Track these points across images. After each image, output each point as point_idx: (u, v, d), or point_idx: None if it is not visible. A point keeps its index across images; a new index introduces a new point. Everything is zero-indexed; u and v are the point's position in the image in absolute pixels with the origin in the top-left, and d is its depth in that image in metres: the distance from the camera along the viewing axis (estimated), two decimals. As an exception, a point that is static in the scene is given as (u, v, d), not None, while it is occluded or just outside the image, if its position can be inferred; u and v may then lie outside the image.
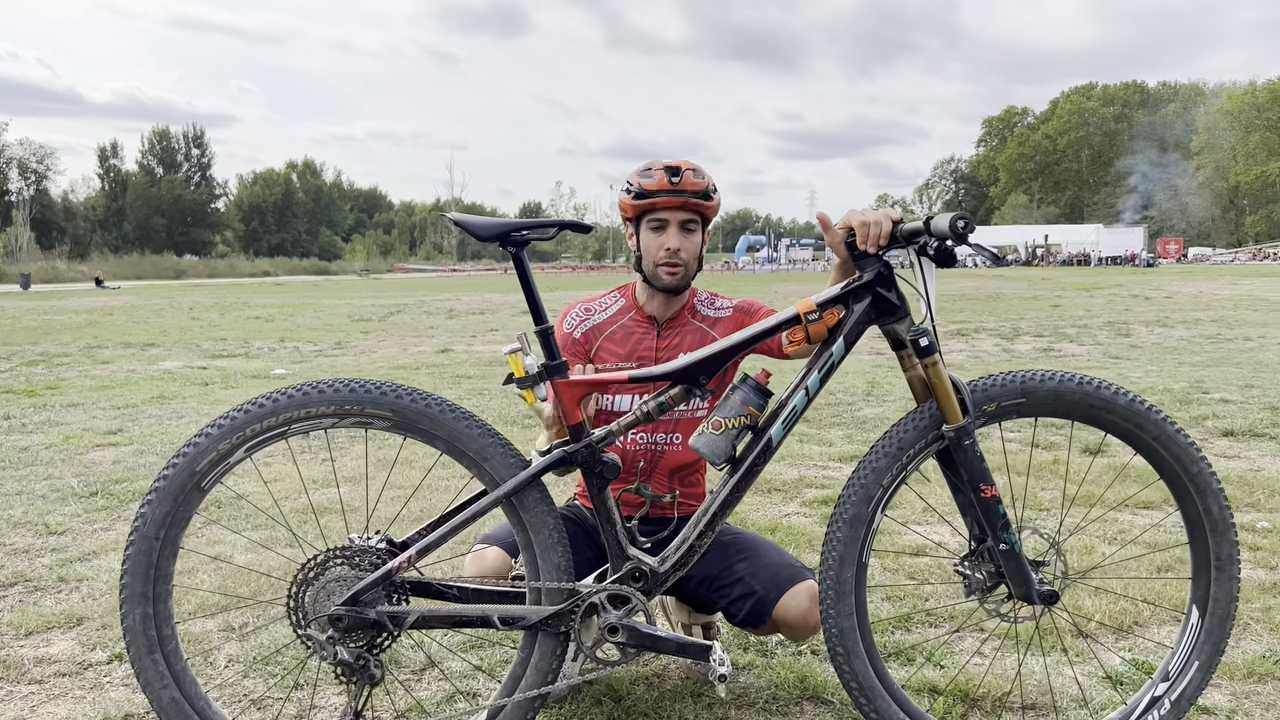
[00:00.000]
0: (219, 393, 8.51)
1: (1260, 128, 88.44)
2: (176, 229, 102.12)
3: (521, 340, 2.05)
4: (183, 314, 22.02)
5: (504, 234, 2.00)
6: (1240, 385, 7.88)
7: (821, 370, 2.08)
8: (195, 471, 1.96)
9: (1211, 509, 2.08)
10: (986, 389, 2.07)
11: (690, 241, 2.45)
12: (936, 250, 2.00)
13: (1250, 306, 18.57)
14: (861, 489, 2.06)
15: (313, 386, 2.00)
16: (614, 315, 2.57)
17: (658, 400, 2.09)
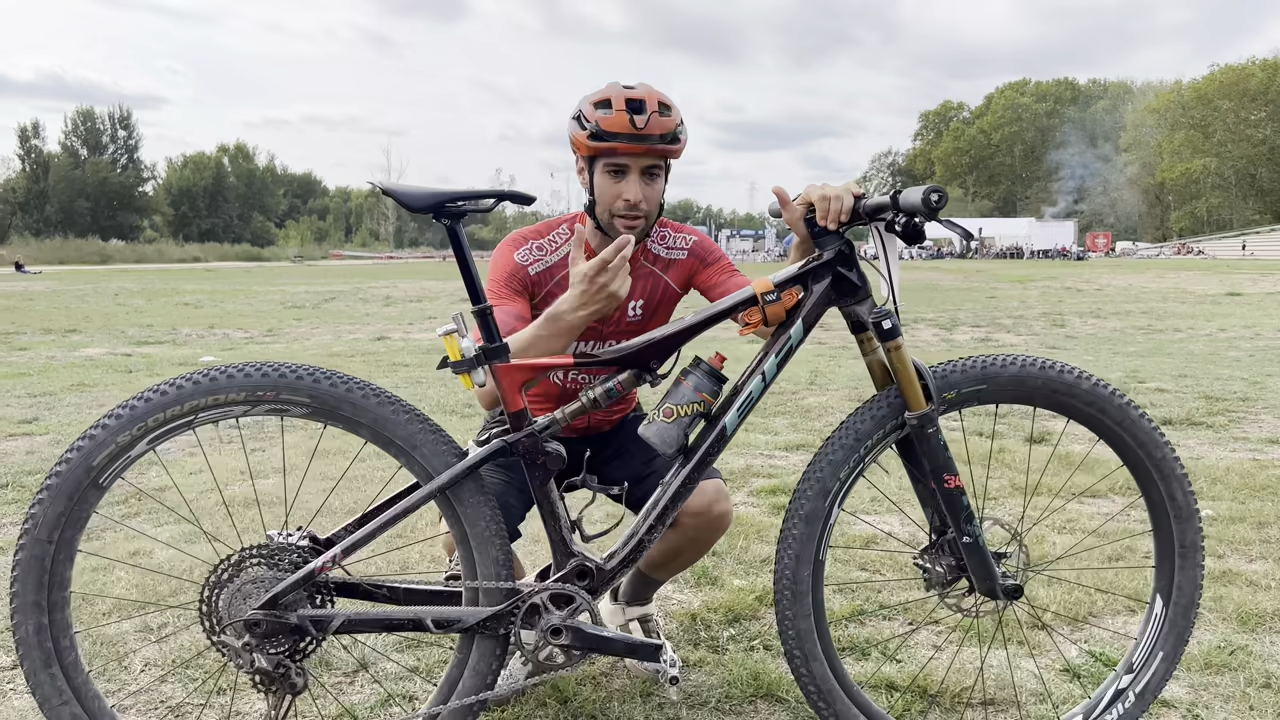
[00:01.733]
0: (143, 380, 8.16)
1: (1185, 126, 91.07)
2: (102, 213, 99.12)
3: (457, 321, 1.88)
4: (107, 300, 21.28)
5: (438, 205, 1.82)
6: (1174, 375, 7.99)
7: (779, 354, 1.96)
8: (92, 467, 1.77)
9: (1176, 495, 2.01)
10: (946, 375, 1.97)
11: (652, 189, 2.22)
12: (904, 226, 1.87)
13: (1178, 299, 19.01)
14: (817, 483, 1.96)
15: (221, 371, 1.81)
16: (565, 258, 2.31)
17: (605, 387, 1.94)
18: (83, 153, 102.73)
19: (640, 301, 2.37)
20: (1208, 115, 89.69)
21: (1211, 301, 18.07)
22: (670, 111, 2.16)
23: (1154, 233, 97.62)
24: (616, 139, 2.11)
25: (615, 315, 2.35)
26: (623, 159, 2.15)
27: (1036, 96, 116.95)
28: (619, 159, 2.15)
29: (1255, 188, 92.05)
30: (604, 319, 2.25)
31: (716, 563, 3.32)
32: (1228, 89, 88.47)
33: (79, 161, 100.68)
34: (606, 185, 2.19)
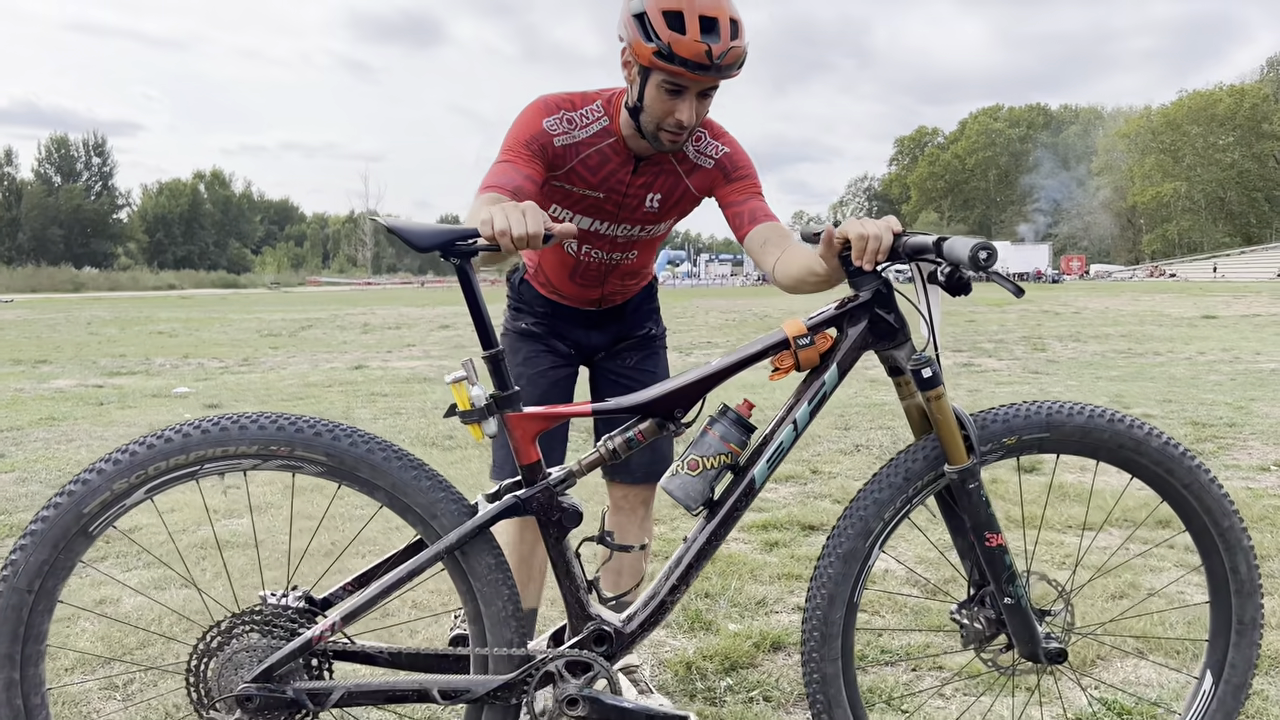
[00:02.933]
0: (115, 413, 7.98)
1: (1155, 150, 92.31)
2: (75, 240, 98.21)
3: (467, 367, 1.77)
4: (80, 329, 20.96)
5: (447, 243, 1.71)
6: (1158, 400, 7.97)
7: (812, 401, 1.85)
8: (83, 514, 1.66)
9: (1240, 568, 1.92)
10: (1007, 419, 1.87)
11: (704, 106, 2.11)
12: (949, 277, 1.74)
13: (1155, 322, 19.13)
14: (860, 521, 1.85)
15: (233, 420, 1.71)
16: (594, 136, 2.21)
17: (625, 436, 1.83)
18: (56, 180, 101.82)
19: (659, 196, 2.30)
20: (1177, 140, 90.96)
21: (1188, 324, 18.19)
22: (740, 30, 1.99)
23: (1127, 255, 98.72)
24: (687, 65, 1.95)
25: (633, 203, 2.28)
26: (685, 81, 2.01)
27: (1010, 122, 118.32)
28: (682, 80, 2.00)
29: (1224, 211, 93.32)
30: (619, 204, 2.27)
31: (710, 605, 3.21)
32: (1196, 114, 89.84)
33: (52, 189, 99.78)
34: (659, 100, 2.05)
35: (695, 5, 1.92)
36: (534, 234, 1.65)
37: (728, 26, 1.94)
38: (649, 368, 2.54)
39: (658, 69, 1.98)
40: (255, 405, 8.39)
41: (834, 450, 5.93)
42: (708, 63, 1.94)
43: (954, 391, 8.76)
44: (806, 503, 4.60)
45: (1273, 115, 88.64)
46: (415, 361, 12.88)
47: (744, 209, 2.24)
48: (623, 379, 2.52)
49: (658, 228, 2.38)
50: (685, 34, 1.91)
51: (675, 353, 13.95)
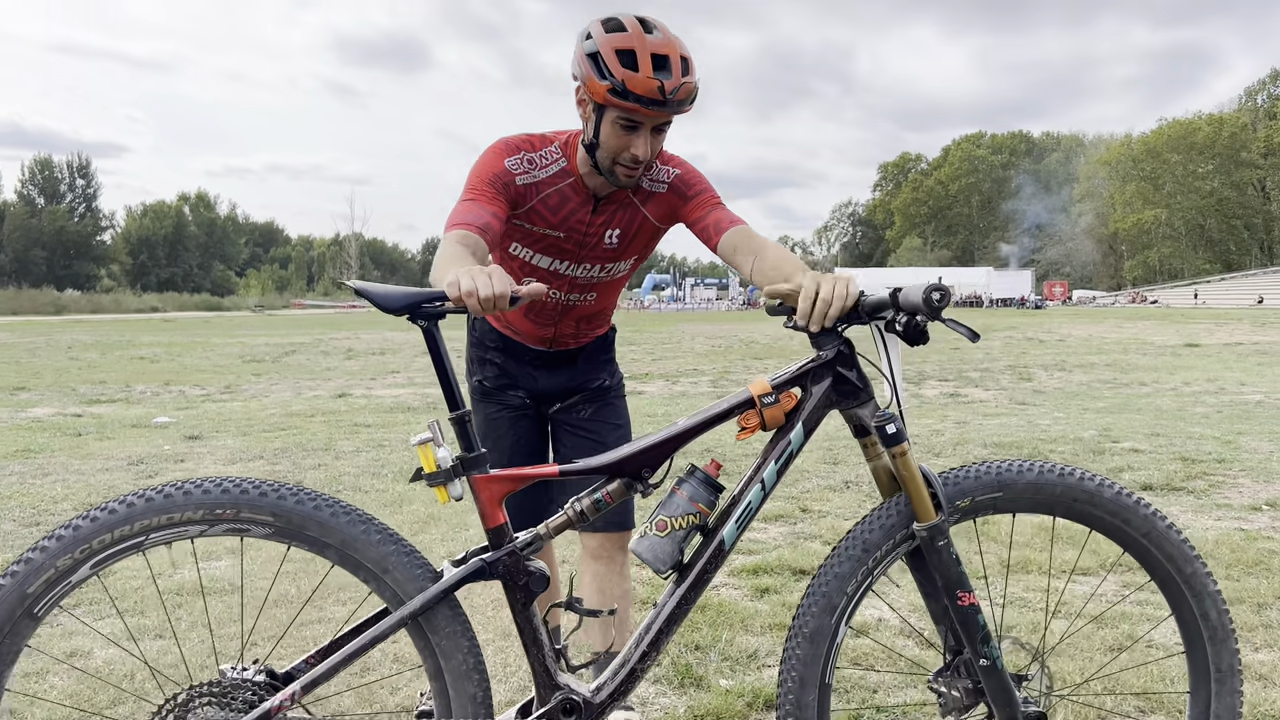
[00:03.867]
0: (93, 444, 7.85)
1: (1136, 178, 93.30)
2: (58, 262, 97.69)
3: (433, 429, 1.73)
4: (60, 353, 20.76)
5: (413, 306, 1.69)
6: (1147, 433, 7.95)
7: (778, 460, 1.83)
8: (26, 594, 1.59)
9: (1209, 614, 1.87)
10: (959, 481, 1.84)
11: (658, 142, 2.15)
12: (906, 326, 1.75)
13: (1139, 350, 19.21)
14: (823, 598, 1.81)
15: (176, 487, 1.65)
16: (553, 176, 2.25)
17: (593, 498, 1.79)
18: (40, 201, 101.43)
19: (617, 231, 2.32)
20: (1157, 168, 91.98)
21: (1172, 353, 18.27)
22: (690, 67, 2.05)
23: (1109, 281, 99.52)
24: (639, 102, 2.00)
25: (593, 240, 2.30)
26: (639, 117, 2.05)
27: (992, 149, 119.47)
28: (636, 117, 2.05)
29: (1204, 238, 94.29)
30: (580, 243, 2.29)
31: (700, 658, 3.13)
32: (1176, 142, 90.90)
33: (35, 210, 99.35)
34: (615, 136, 2.09)
35: (647, 43, 1.99)
36: (500, 295, 1.64)
37: (679, 63, 2.00)
38: (606, 418, 2.55)
39: (612, 105, 2.02)
40: (236, 436, 8.28)
41: (822, 487, 5.87)
42: (661, 98, 1.99)
43: (941, 424, 8.73)
44: (797, 544, 4.54)
45: (1251, 144, 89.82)
46: (399, 390, 12.78)
47: (708, 222, 2.26)
48: (580, 430, 2.53)
49: (618, 266, 2.40)
50: (638, 71, 1.97)
51: (662, 380, 13.91)
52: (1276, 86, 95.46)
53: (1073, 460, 6.72)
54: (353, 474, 6.41)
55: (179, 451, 7.45)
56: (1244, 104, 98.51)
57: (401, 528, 4.91)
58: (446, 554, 4.42)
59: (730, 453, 6.91)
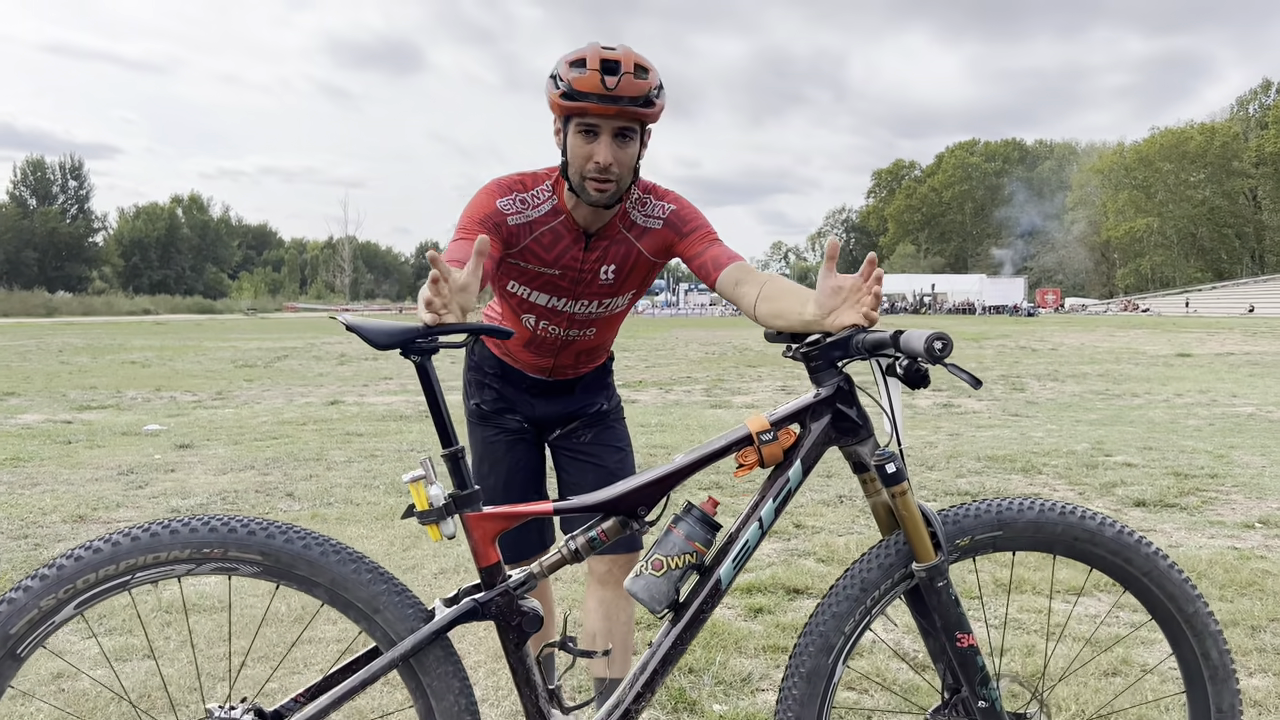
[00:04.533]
0: (83, 453, 7.80)
1: (1128, 186, 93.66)
2: (50, 264, 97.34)
3: (425, 466, 1.72)
4: (50, 357, 20.67)
5: (406, 341, 1.67)
6: (1139, 447, 7.96)
7: (777, 498, 1.81)
8: (9, 635, 1.57)
9: (1210, 654, 1.86)
10: (958, 520, 1.83)
11: (625, 153, 2.12)
12: (906, 369, 1.74)
13: (1131, 360, 19.26)
14: (820, 638, 1.79)
15: (164, 526, 1.63)
16: (546, 215, 2.26)
17: (588, 535, 1.78)
18: (32, 202, 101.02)
19: (613, 267, 2.32)
20: (1149, 176, 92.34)
21: (1164, 363, 18.31)
22: (647, 74, 2.08)
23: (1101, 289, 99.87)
24: (587, 99, 2.04)
25: (588, 277, 2.31)
26: (594, 119, 2.08)
27: (986, 156, 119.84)
28: (590, 119, 2.08)
29: (1196, 247, 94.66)
30: (575, 280, 2.30)
31: (694, 682, 3.11)
32: (1168, 151, 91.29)
33: (27, 211, 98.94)
34: (578, 146, 2.12)
35: (599, 52, 2.06)
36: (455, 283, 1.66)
37: (630, 67, 2.05)
38: (607, 441, 2.55)
39: (568, 112, 2.08)
40: (228, 445, 8.24)
41: (816, 502, 5.86)
42: (605, 91, 2.02)
43: (934, 435, 8.72)
44: (791, 562, 4.52)
45: (1243, 153, 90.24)
46: (391, 397, 12.74)
47: (706, 258, 2.25)
48: (580, 455, 2.54)
49: (616, 302, 2.40)
50: (585, 70, 2.04)
51: (656, 388, 13.89)
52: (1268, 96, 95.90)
53: (1065, 474, 6.73)
54: (344, 485, 6.38)
55: (170, 461, 7.41)
56: (1235, 113, 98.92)
57: (393, 543, 4.88)
58: (438, 570, 4.40)
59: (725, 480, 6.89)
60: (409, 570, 4.40)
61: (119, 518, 5.48)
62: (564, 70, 2.07)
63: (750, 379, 15.59)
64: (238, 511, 5.62)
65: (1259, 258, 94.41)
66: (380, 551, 4.73)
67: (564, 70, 2.07)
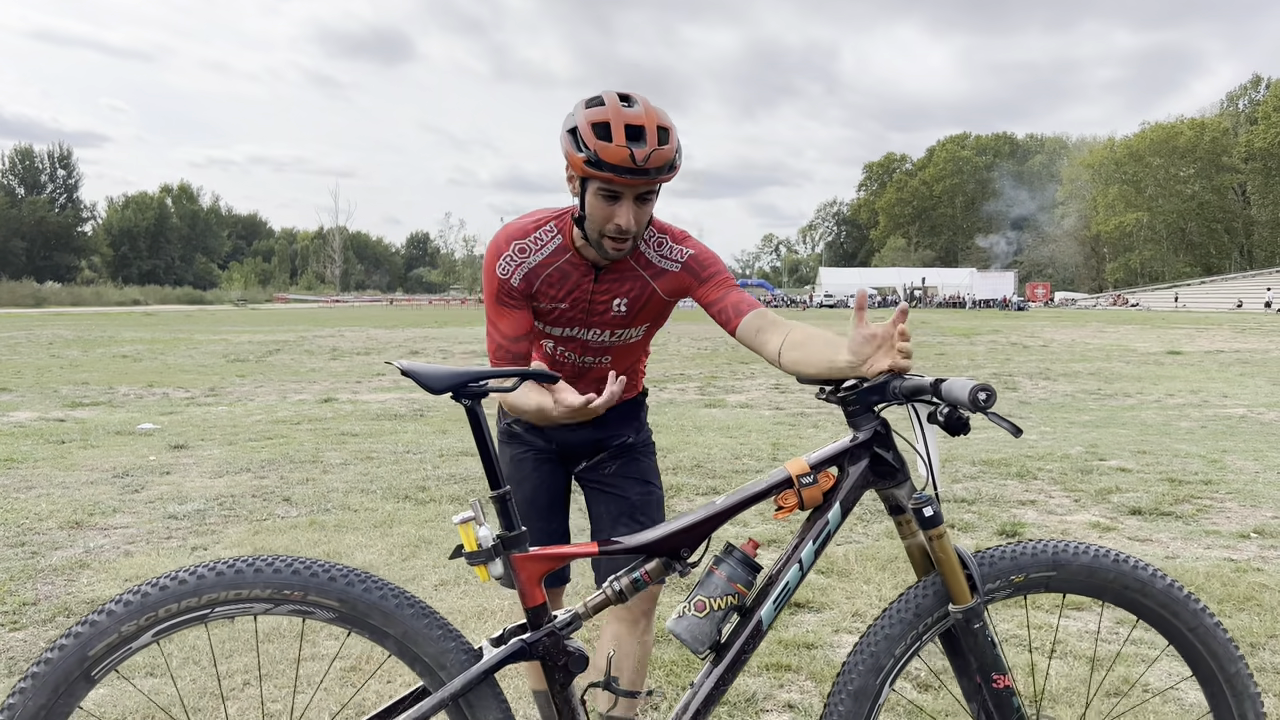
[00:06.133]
0: (77, 453, 7.77)
1: (1118, 181, 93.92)
2: (38, 253, 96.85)
3: (475, 508, 1.76)
4: (41, 350, 20.58)
5: (459, 385, 1.73)
6: (1134, 450, 8.00)
7: (817, 540, 1.84)
8: (87, 657, 1.59)
9: (1247, 716, 1.87)
10: (1015, 557, 1.87)
11: (644, 212, 2.14)
12: (947, 417, 1.77)
13: (1122, 358, 19.34)
14: (871, 658, 1.82)
15: (248, 563, 1.67)
16: (550, 255, 2.27)
17: (631, 577, 1.81)
18: (20, 191, 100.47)
19: (625, 301, 2.32)
20: (1139, 171, 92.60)
21: (1155, 361, 18.40)
22: (669, 136, 2.07)
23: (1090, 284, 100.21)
24: (614, 171, 2.02)
25: (599, 308, 2.32)
26: (617, 187, 2.06)
27: (976, 150, 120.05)
28: (614, 186, 2.06)
29: (1185, 241, 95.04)
30: (586, 310, 2.32)
31: (698, 701, 3.12)
32: (1158, 146, 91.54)
33: (15, 200, 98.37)
34: (598, 207, 2.11)
35: (622, 115, 2.02)
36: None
37: (654, 133, 2.03)
38: (630, 473, 2.53)
39: (591, 177, 2.05)
40: (222, 446, 8.22)
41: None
42: (633, 166, 2.00)
43: (930, 438, 8.74)
44: (790, 573, 4.53)
45: (1232, 148, 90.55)
46: (385, 394, 12.72)
47: (726, 304, 2.25)
48: (603, 487, 2.53)
49: (630, 333, 2.39)
50: (611, 141, 2.00)
51: (649, 386, 13.87)
52: (1258, 92, 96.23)
53: (1061, 479, 6.76)
54: (341, 490, 6.37)
55: (164, 462, 7.39)
56: (1225, 109, 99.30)
57: (392, 552, 4.88)
58: (438, 581, 4.40)
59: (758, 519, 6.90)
60: (410, 581, 4.40)
61: (116, 524, 5.46)
62: (586, 132, 2.02)
63: (743, 376, 15.61)
64: (235, 517, 5.61)
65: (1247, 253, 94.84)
66: (380, 561, 4.72)
67: (586, 132, 2.02)
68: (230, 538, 5.18)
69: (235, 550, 4.92)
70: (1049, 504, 6.06)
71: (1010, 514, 5.74)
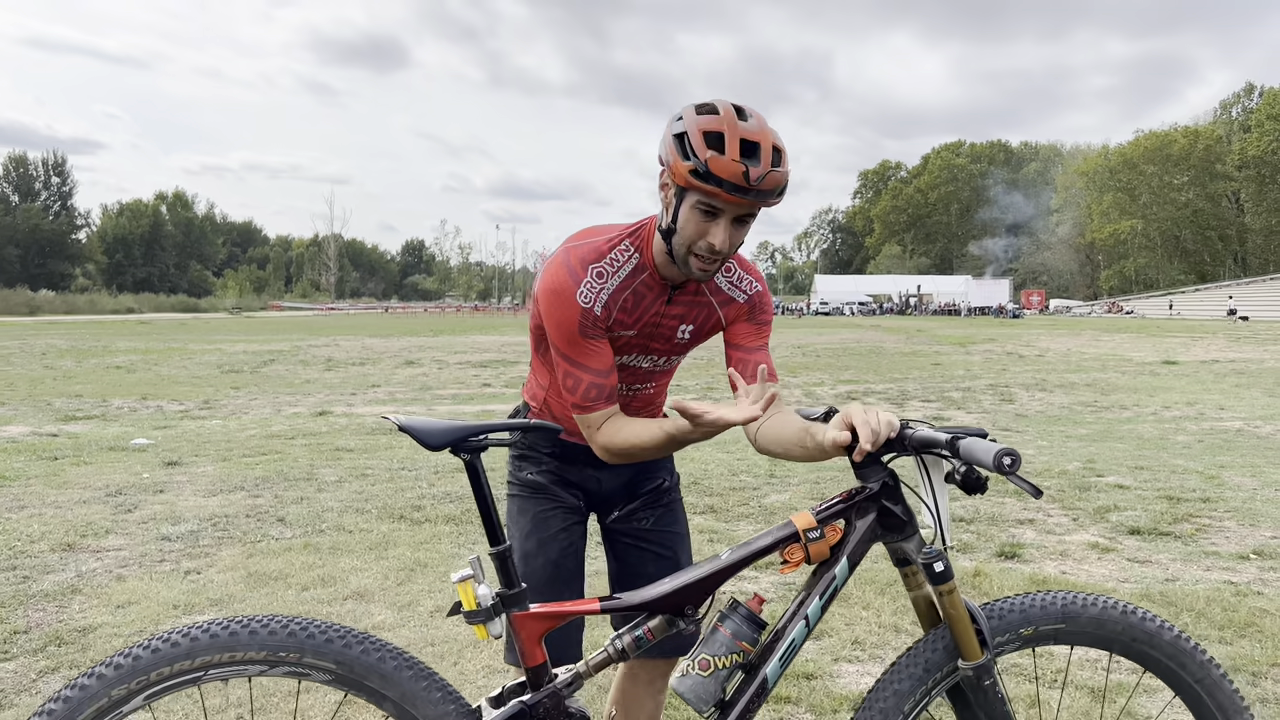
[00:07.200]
0: (70, 471, 7.71)
1: (1112, 188, 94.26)
2: (32, 261, 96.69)
3: (474, 566, 1.71)
4: (34, 360, 20.49)
5: (458, 440, 1.68)
6: (1131, 466, 7.98)
7: (823, 596, 1.79)
8: None
9: None
10: (1024, 610, 1.84)
11: (739, 235, 1.98)
12: (965, 476, 1.71)
13: (1118, 368, 19.34)
14: (880, 714, 1.79)
15: (242, 624, 1.62)
16: (627, 278, 2.08)
17: (634, 635, 1.76)
18: (14, 199, 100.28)
19: (691, 327, 2.20)
20: (1133, 179, 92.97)
21: (1150, 372, 18.40)
22: (782, 160, 1.90)
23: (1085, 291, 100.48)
24: (723, 186, 1.85)
25: (666, 333, 2.17)
26: (720, 203, 1.90)
27: (971, 158, 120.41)
28: (717, 202, 1.90)
29: (1179, 249, 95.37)
30: (652, 335, 2.16)
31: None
32: (1152, 154, 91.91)
33: (10, 208, 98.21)
34: (694, 222, 1.93)
35: (738, 129, 1.85)
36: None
37: (769, 152, 1.87)
38: (669, 526, 2.38)
39: (694, 189, 1.88)
40: (216, 462, 8.17)
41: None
42: (745, 184, 1.84)
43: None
44: (789, 598, 4.50)
45: (1226, 156, 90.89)
46: (380, 407, 12.67)
47: (751, 359, 2.17)
48: (642, 543, 2.36)
49: (678, 359, 2.29)
50: (724, 154, 1.83)
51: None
52: (1251, 100, 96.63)
53: (1059, 498, 6.74)
54: (336, 510, 6.32)
55: (158, 480, 7.34)
56: (1219, 117, 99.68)
57: (387, 576, 4.84)
58: (434, 607, 4.36)
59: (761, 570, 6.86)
60: (404, 608, 4.36)
61: (109, 545, 5.42)
62: (697, 140, 1.85)
63: (740, 388, 15.56)
64: (229, 538, 5.56)
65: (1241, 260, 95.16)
66: (375, 585, 4.68)
67: (697, 140, 1.85)
68: (224, 561, 5.14)
69: (229, 575, 4.87)
70: (1047, 523, 6.03)
71: (1009, 534, 5.72)
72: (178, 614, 4.29)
